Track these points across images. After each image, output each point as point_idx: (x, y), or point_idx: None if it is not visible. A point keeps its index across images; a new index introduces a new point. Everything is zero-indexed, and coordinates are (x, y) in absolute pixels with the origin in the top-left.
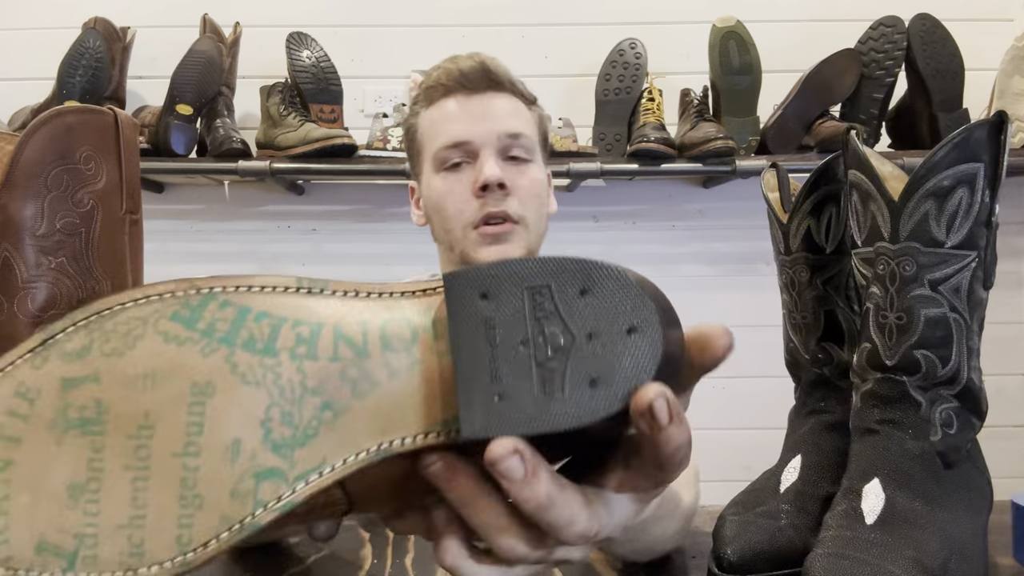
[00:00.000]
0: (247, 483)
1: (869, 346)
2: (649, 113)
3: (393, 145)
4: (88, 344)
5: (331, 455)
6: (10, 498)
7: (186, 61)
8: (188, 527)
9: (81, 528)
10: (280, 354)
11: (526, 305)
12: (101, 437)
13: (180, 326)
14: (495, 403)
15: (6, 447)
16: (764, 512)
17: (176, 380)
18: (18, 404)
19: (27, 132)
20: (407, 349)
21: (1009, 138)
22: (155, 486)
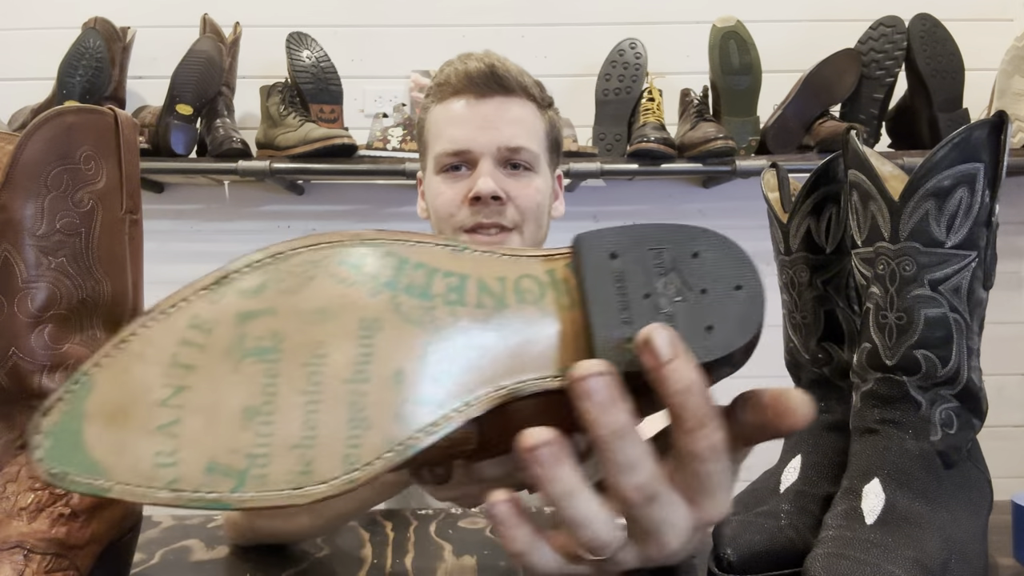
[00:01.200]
0: (408, 408)
1: (869, 346)
2: (649, 113)
3: (393, 145)
4: (264, 282)
5: (478, 388)
6: (181, 422)
7: (186, 61)
8: (356, 447)
9: (253, 448)
10: (435, 299)
11: (650, 262)
12: (276, 364)
13: (349, 270)
14: (626, 344)
15: (180, 374)
16: (764, 512)
17: (347, 316)
18: (194, 335)
19: (27, 132)
20: (537, 301)
21: (1009, 138)
22: (326, 409)
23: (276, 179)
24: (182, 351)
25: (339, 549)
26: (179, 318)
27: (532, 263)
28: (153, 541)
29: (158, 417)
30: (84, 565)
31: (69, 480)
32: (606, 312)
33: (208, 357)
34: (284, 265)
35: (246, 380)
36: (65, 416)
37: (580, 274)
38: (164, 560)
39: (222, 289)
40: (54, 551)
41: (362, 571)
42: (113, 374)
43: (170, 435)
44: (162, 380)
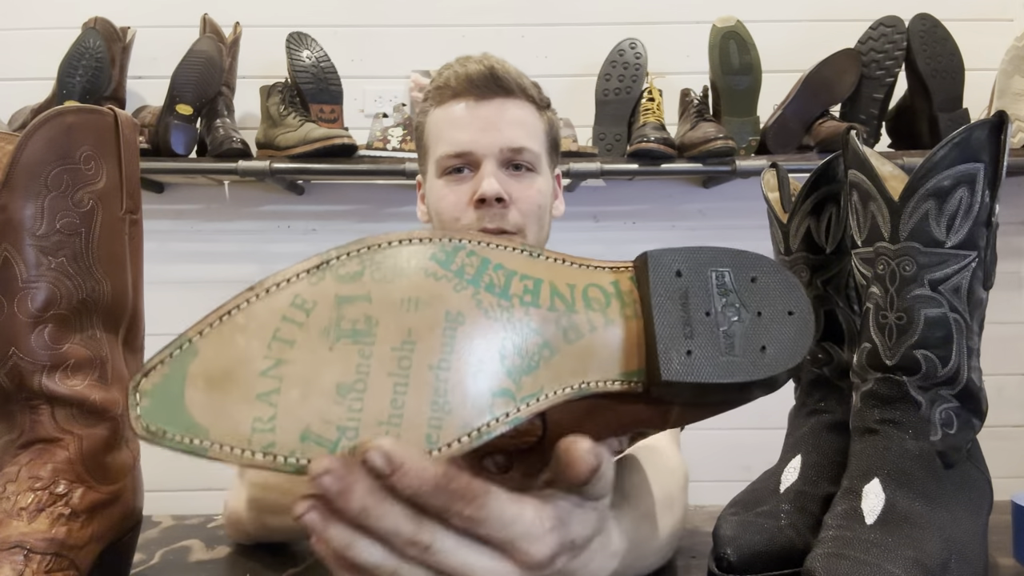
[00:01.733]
0: (485, 398)
1: (869, 346)
2: (649, 113)
3: (393, 145)
4: (361, 270)
5: (547, 385)
6: (280, 392)
7: (186, 61)
8: (437, 428)
9: (344, 421)
10: (513, 299)
11: (712, 283)
12: (370, 347)
13: (437, 265)
14: (687, 357)
15: (280, 348)
16: (764, 512)
17: (434, 307)
18: (294, 313)
19: (27, 132)
20: (603, 310)
21: (1009, 138)
22: (412, 391)
23: (276, 179)
24: (284, 327)
25: None
26: (282, 296)
27: (600, 273)
28: (153, 541)
29: (259, 386)
30: (84, 565)
31: (167, 438)
32: (669, 326)
33: (307, 334)
34: (378, 256)
35: (341, 359)
36: (167, 378)
37: (646, 288)
38: (164, 560)
39: (322, 273)
40: (54, 551)
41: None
42: (217, 342)
43: (269, 403)
44: (264, 352)
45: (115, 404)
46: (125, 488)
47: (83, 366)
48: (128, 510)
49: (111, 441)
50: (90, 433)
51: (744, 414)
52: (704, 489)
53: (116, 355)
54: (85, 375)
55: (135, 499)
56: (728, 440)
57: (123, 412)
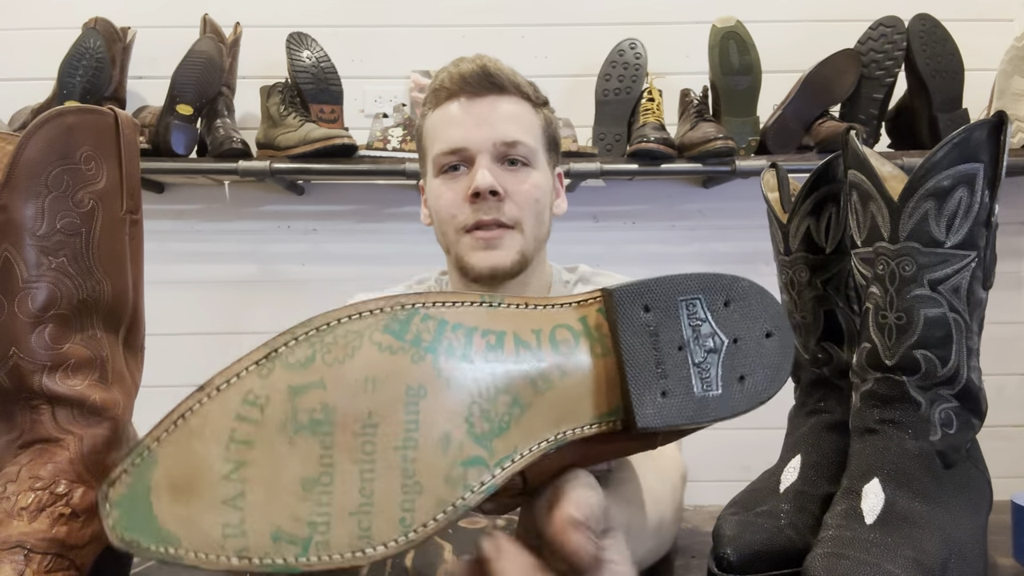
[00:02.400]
0: (457, 470)
1: (869, 346)
2: (649, 113)
3: (393, 145)
4: (311, 355)
5: (521, 444)
6: (245, 495)
7: (186, 61)
8: (410, 511)
9: (314, 517)
10: (475, 358)
11: (682, 314)
12: (330, 436)
13: (392, 337)
14: (662, 399)
15: (239, 450)
16: (764, 512)
17: (393, 384)
18: (248, 411)
19: (27, 132)
20: (572, 352)
21: (1008, 138)
22: (380, 476)
23: (276, 179)
24: (239, 427)
25: None
26: (233, 394)
27: (566, 312)
28: None
29: (223, 491)
30: (84, 565)
31: (142, 548)
32: (641, 367)
33: (264, 432)
34: (328, 337)
35: (302, 452)
36: (132, 488)
37: (615, 329)
38: None
39: (271, 364)
40: (54, 551)
41: (362, 571)
42: (175, 449)
43: (235, 507)
44: (223, 455)
45: (115, 404)
46: None
47: (83, 366)
48: None
49: (112, 441)
50: (90, 433)
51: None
52: (704, 489)
53: (116, 355)
54: (85, 375)
55: None
56: (728, 440)
57: (123, 412)
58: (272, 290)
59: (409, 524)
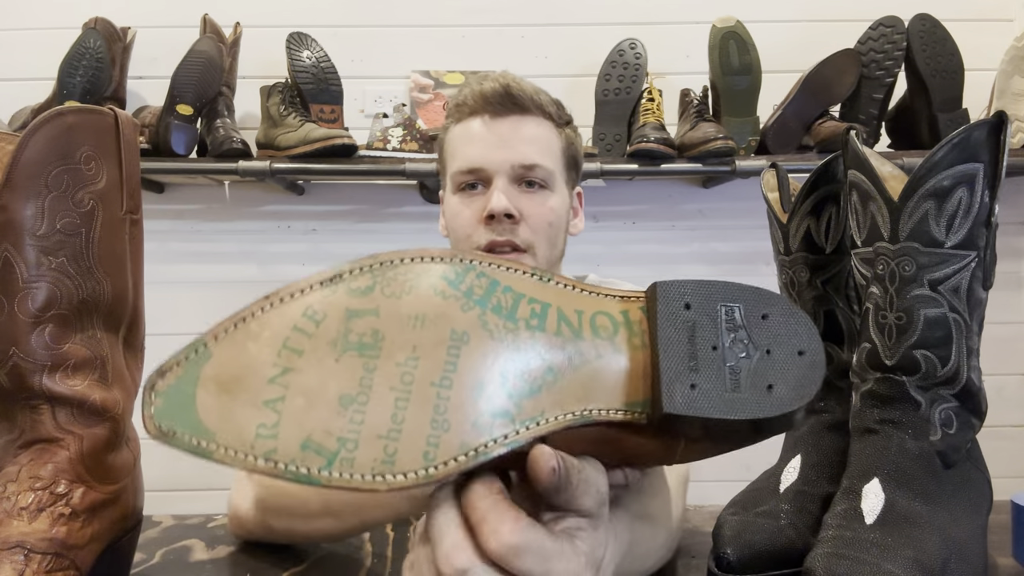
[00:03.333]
0: (485, 418)
1: (869, 346)
2: (649, 113)
3: (393, 145)
4: (372, 285)
5: (548, 410)
6: (285, 400)
7: (186, 61)
8: (435, 446)
9: (345, 433)
10: (519, 322)
11: (721, 318)
12: (375, 360)
13: (446, 284)
14: (691, 391)
15: (289, 356)
16: (764, 512)
17: (440, 325)
18: (305, 323)
19: (27, 132)
20: (611, 338)
21: (1008, 138)
22: (413, 407)
23: (276, 179)
24: (294, 336)
25: (340, 549)
26: (295, 306)
27: (609, 302)
28: (153, 541)
29: (266, 392)
30: (84, 565)
31: (176, 438)
32: (675, 358)
33: (315, 345)
34: (390, 272)
35: (346, 370)
36: (180, 380)
37: (654, 319)
38: (164, 560)
39: (335, 286)
40: (54, 551)
41: (362, 570)
42: (231, 348)
43: (274, 410)
44: (273, 360)
45: (115, 404)
46: (125, 488)
47: (83, 366)
48: (128, 510)
49: (111, 441)
50: (90, 433)
51: None
52: (704, 489)
53: (116, 355)
54: (85, 375)
55: (135, 499)
56: None
57: (123, 412)
58: (272, 290)
59: (431, 459)
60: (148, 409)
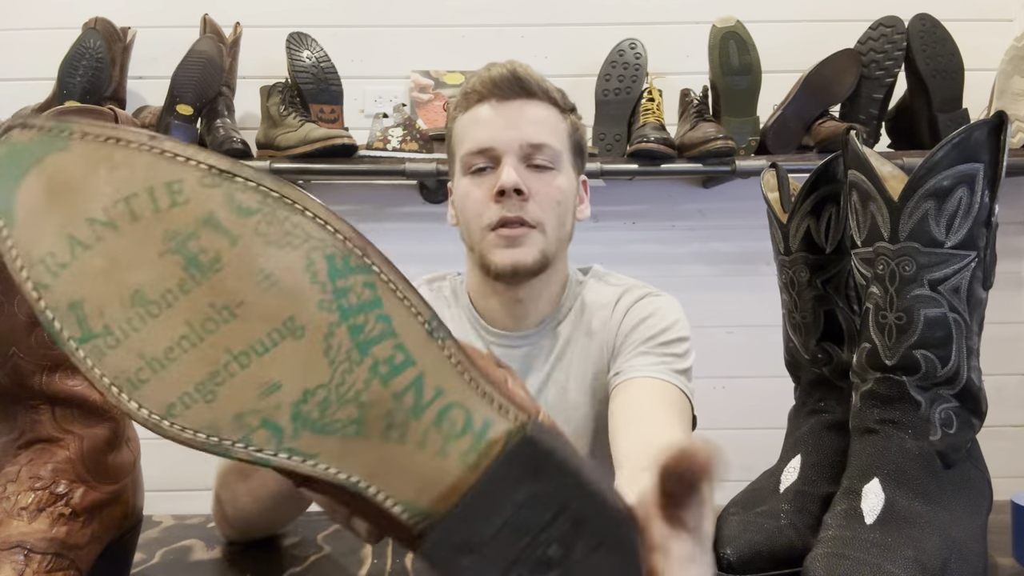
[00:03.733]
0: (252, 419)
1: (869, 346)
2: (649, 113)
3: (393, 145)
4: (253, 210)
5: (325, 458)
6: (89, 250)
7: (186, 61)
8: (185, 407)
9: (115, 325)
10: (367, 359)
11: (548, 529)
12: (194, 285)
13: (326, 267)
14: (466, 554)
15: (123, 212)
16: (764, 512)
17: (284, 303)
18: (161, 194)
19: None
20: (448, 438)
21: (1009, 138)
22: (193, 354)
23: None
24: (142, 198)
25: (340, 549)
26: (165, 168)
27: (482, 401)
28: (153, 541)
29: (79, 228)
30: (84, 565)
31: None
32: (479, 518)
33: (154, 222)
34: (280, 212)
35: (160, 271)
36: (27, 146)
37: (496, 460)
38: (164, 560)
39: (220, 181)
40: (54, 551)
41: (362, 571)
42: (85, 156)
43: (72, 250)
44: (108, 203)
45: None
46: (125, 488)
47: None
48: (128, 510)
49: (111, 441)
50: (90, 433)
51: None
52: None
53: None
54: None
55: (135, 499)
56: (728, 440)
57: (123, 412)
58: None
59: (173, 414)
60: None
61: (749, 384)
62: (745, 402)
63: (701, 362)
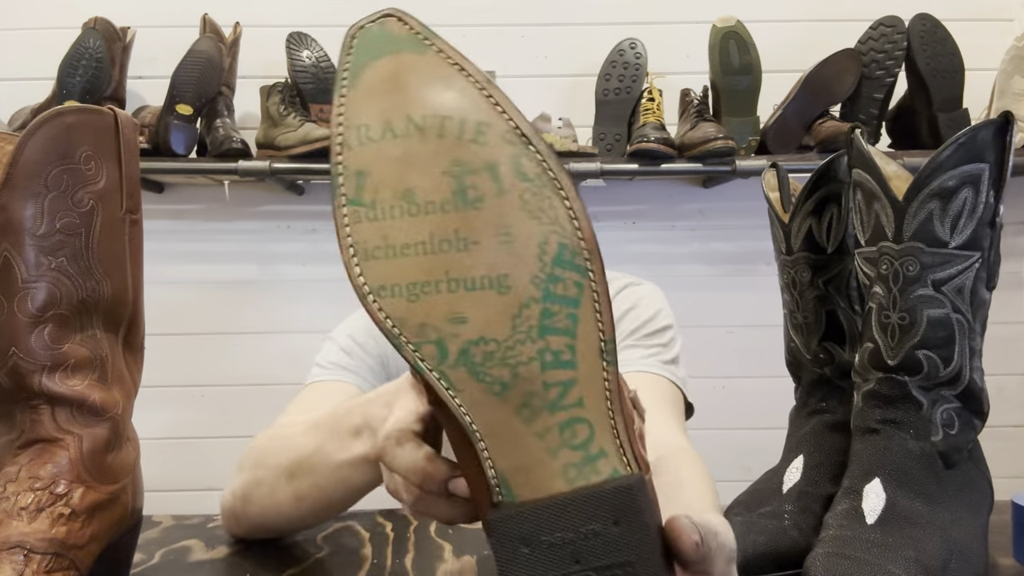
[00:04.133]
0: (432, 333)
1: (871, 346)
2: (649, 113)
3: None
4: (530, 177)
5: (465, 397)
6: (393, 139)
7: (186, 61)
8: (392, 294)
9: (379, 208)
10: (539, 343)
11: None
12: (453, 208)
13: (555, 253)
14: (526, 549)
15: (411, 129)
16: (767, 512)
17: (506, 260)
18: (468, 127)
19: (27, 132)
20: (572, 448)
21: (1013, 139)
22: (421, 260)
23: (276, 179)
24: (453, 123)
25: (339, 549)
26: (484, 107)
27: (608, 435)
28: (153, 541)
29: (396, 121)
30: (84, 565)
31: (357, 49)
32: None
33: (449, 145)
34: (546, 190)
35: (435, 183)
36: (382, 38)
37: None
38: (164, 560)
39: (518, 142)
40: (54, 551)
41: (362, 571)
42: (427, 67)
43: (382, 132)
44: (426, 114)
45: (115, 404)
46: (125, 488)
47: (83, 366)
48: (128, 510)
49: (111, 441)
50: (90, 433)
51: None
52: None
53: (116, 355)
54: (85, 375)
55: (135, 499)
56: (728, 440)
57: (123, 412)
58: (272, 290)
59: (382, 294)
60: (358, 26)
61: (749, 384)
62: (745, 402)
63: (701, 362)
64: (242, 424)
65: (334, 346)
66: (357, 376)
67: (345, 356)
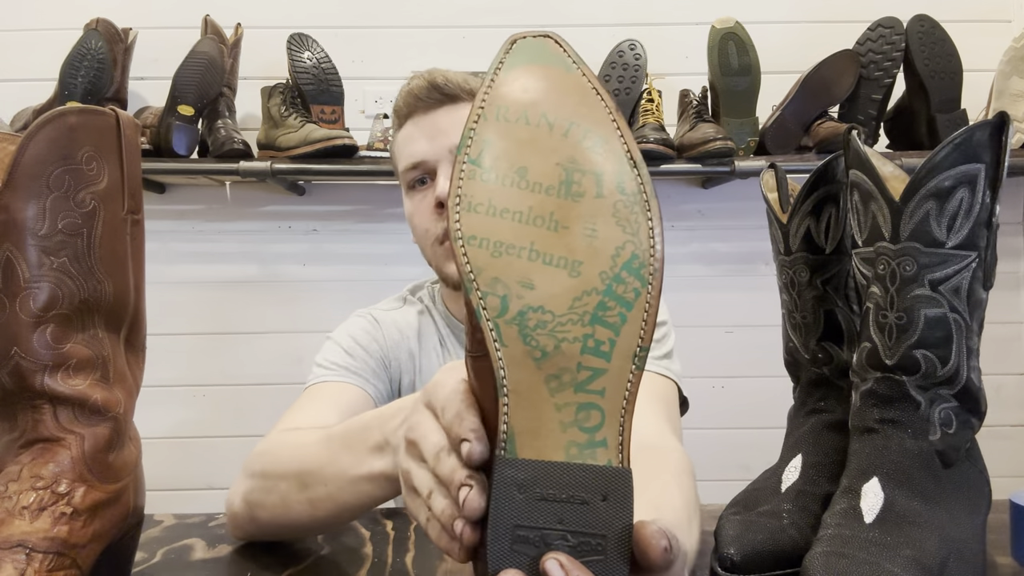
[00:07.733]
0: (500, 289)
1: (869, 346)
2: (648, 114)
3: None
4: (627, 192)
5: (507, 352)
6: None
7: (188, 62)
8: (479, 245)
9: (492, 172)
10: (587, 329)
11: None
12: (556, 193)
13: (627, 259)
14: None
15: (541, 120)
16: (766, 512)
17: (585, 251)
18: (588, 138)
19: (29, 133)
20: (579, 428)
21: (1010, 139)
22: (514, 226)
23: (277, 180)
24: (576, 130)
25: (340, 548)
26: (604, 124)
27: (614, 429)
28: (154, 540)
29: (531, 112)
30: (86, 564)
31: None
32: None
33: (567, 144)
34: (636, 207)
35: (548, 169)
36: (538, 48)
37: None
38: (165, 559)
39: (624, 159)
40: (56, 550)
41: (363, 570)
42: (569, 83)
43: (515, 117)
44: (556, 117)
45: (117, 403)
46: (127, 487)
47: (85, 366)
48: (130, 509)
49: (113, 440)
50: (92, 432)
51: (743, 414)
52: (703, 489)
53: (118, 355)
54: (87, 375)
55: (137, 498)
56: (727, 440)
57: (125, 411)
58: (273, 290)
59: (471, 242)
60: (520, 35)
61: (748, 384)
62: (744, 402)
63: (700, 362)
64: (243, 424)
65: (336, 347)
66: (360, 377)
67: (347, 357)
